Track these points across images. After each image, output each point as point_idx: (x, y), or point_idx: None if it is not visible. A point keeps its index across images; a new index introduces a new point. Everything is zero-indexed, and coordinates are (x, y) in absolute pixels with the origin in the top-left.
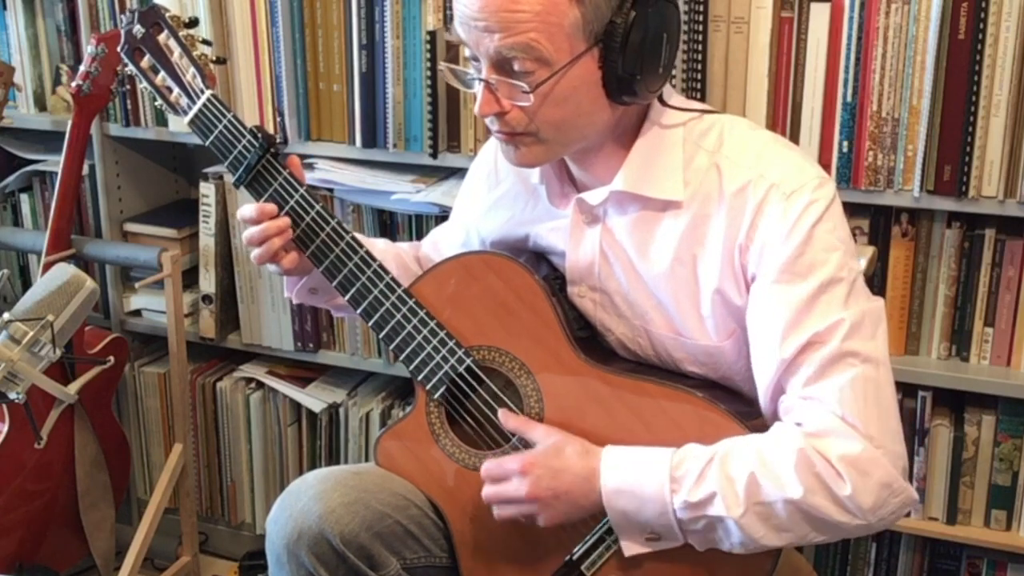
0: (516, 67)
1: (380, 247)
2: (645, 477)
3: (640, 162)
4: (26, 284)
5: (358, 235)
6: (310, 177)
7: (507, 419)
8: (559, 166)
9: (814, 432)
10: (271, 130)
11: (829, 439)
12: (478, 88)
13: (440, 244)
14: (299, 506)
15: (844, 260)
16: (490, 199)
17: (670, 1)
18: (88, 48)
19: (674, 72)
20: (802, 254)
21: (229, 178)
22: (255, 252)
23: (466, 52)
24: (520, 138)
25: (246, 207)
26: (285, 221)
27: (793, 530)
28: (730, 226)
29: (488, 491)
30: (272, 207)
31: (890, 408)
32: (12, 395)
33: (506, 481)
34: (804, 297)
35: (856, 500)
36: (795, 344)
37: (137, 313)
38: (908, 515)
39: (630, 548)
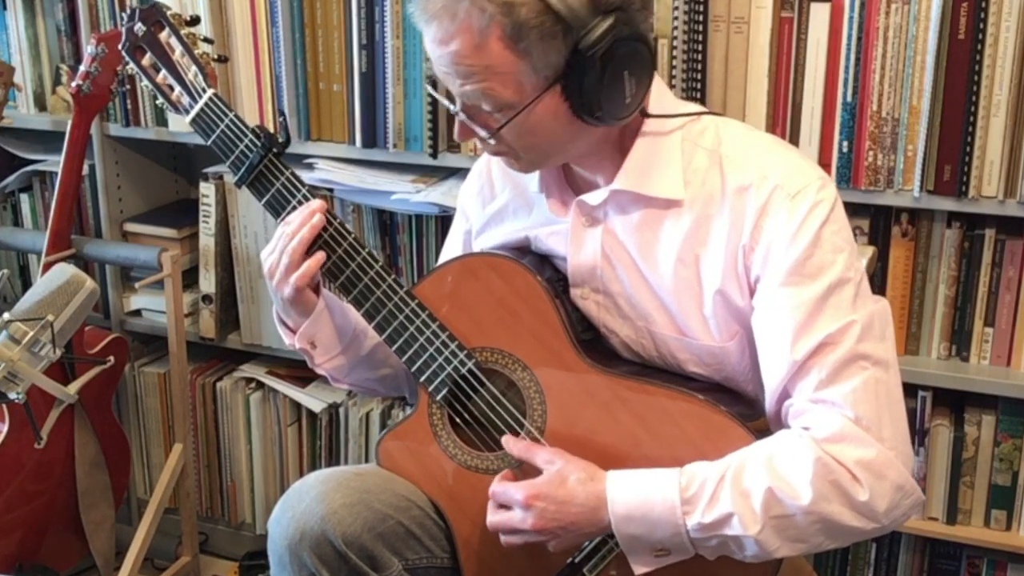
0: (482, 105)
1: None
2: (654, 501)
3: (639, 162)
4: (26, 284)
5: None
6: (310, 177)
7: (511, 445)
8: (558, 174)
9: (828, 437)
10: (272, 130)
11: (844, 444)
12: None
13: None
14: (301, 507)
15: (850, 261)
16: (486, 215)
17: (632, 39)
18: (88, 48)
19: (674, 72)
20: (811, 256)
21: (229, 178)
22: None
23: None
24: (505, 155)
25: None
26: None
27: (809, 540)
28: (733, 227)
29: (493, 519)
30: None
31: (900, 410)
32: (12, 395)
33: (510, 511)
34: (814, 299)
35: (872, 505)
36: (807, 346)
37: (137, 313)
38: None
39: (639, 567)
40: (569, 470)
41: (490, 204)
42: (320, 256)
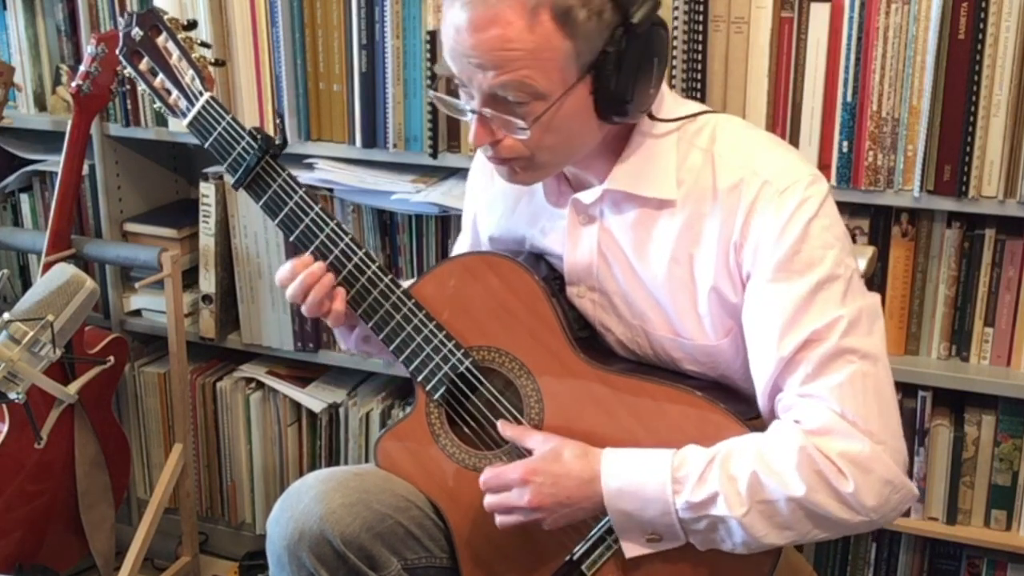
0: (511, 98)
1: None
2: (647, 478)
3: (633, 162)
4: (26, 284)
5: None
6: (310, 177)
7: (504, 429)
8: None
9: (814, 430)
10: (271, 131)
11: (829, 437)
12: (471, 118)
13: None
14: (300, 507)
15: (840, 257)
16: (488, 196)
17: (659, 25)
18: (88, 48)
19: (674, 72)
20: (798, 252)
21: (229, 178)
22: (303, 307)
23: (456, 82)
24: (514, 163)
25: (282, 269)
26: (320, 266)
27: (795, 528)
28: (724, 224)
29: (490, 500)
30: (308, 258)
31: (889, 404)
32: (12, 395)
33: (507, 491)
34: (802, 295)
35: (858, 497)
36: (793, 342)
37: (137, 313)
38: (908, 515)
39: (631, 549)
40: (563, 446)
41: (491, 186)
42: (342, 293)
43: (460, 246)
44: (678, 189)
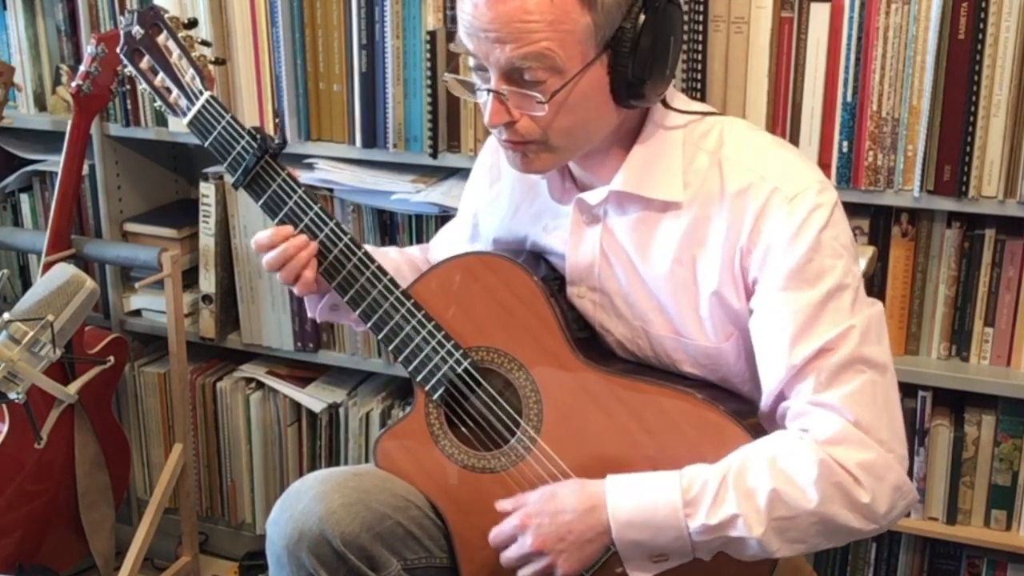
0: (527, 76)
1: (392, 256)
2: (656, 504)
3: (640, 163)
4: (26, 284)
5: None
6: (310, 177)
7: (502, 505)
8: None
9: (827, 439)
10: (270, 131)
11: (844, 447)
12: (486, 98)
13: (447, 244)
14: (299, 507)
15: (848, 266)
16: (491, 194)
17: (675, 3)
18: (88, 48)
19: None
20: (810, 260)
21: (229, 178)
22: (279, 275)
23: (471, 62)
24: (528, 146)
25: (261, 233)
26: (303, 238)
27: (808, 541)
28: (731, 228)
29: (504, 558)
30: (288, 228)
31: (896, 412)
32: (12, 395)
33: (512, 542)
34: (813, 304)
35: (873, 506)
36: (806, 351)
37: (137, 313)
38: (908, 515)
39: (637, 573)
40: (558, 485)
41: (496, 183)
42: (314, 263)
43: (448, 234)
44: (685, 191)
